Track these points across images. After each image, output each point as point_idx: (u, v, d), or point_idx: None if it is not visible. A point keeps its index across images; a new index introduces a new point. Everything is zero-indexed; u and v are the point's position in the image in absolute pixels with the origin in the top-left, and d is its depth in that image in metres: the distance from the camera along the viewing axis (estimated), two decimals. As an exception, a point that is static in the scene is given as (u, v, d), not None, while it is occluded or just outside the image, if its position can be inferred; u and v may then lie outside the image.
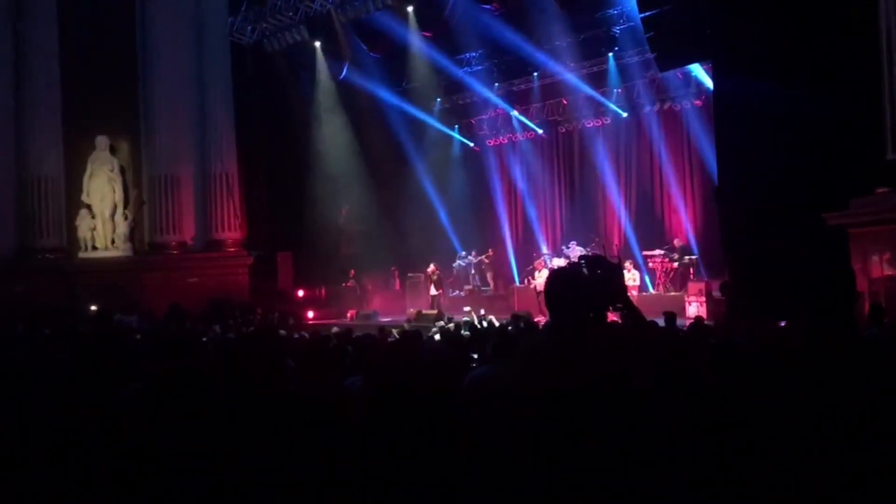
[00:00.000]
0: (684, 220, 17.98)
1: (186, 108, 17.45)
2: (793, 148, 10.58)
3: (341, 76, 19.00)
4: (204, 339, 7.91)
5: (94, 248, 17.68)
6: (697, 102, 17.33)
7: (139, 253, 17.68)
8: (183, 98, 17.39)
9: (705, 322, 10.19)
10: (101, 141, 17.65)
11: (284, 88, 18.86)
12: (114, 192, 17.73)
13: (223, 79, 17.73)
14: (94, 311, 13.13)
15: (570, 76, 18.73)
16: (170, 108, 17.26)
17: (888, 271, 8.83)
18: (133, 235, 17.85)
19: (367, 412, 3.43)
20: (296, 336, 9.12)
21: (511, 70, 19.32)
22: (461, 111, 21.35)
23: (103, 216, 17.75)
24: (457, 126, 21.64)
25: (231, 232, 17.81)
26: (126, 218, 17.85)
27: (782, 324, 7.17)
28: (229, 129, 17.78)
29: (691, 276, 15.86)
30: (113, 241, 17.74)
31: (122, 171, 17.92)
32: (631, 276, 15.52)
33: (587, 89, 18.81)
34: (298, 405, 3.07)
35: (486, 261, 19.90)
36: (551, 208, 20.89)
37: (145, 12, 17.33)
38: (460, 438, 2.79)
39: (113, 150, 17.86)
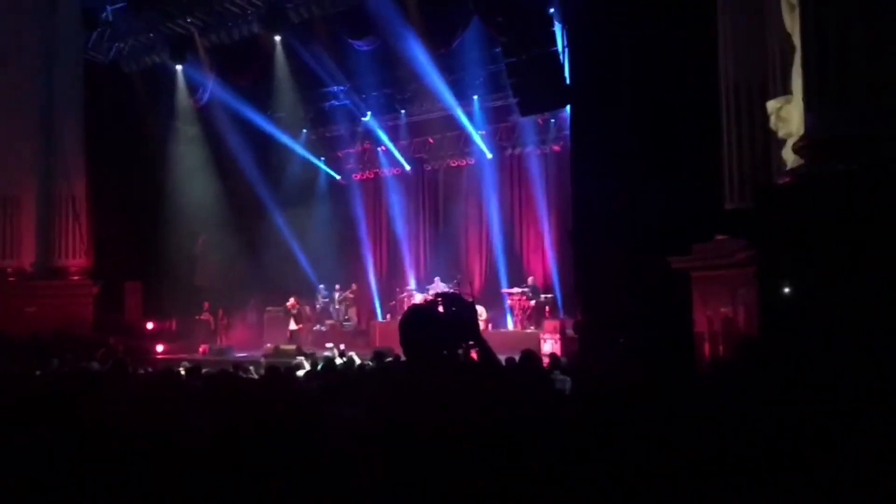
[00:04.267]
0: (542, 260, 18.59)
1: (29, 124, 16.33)
2: (643, 194, 11.23)
3: (201, 102, 18.46)
4: (38, 373, 7.34)
5: (-83, 273, 16.14)
6: (556, 147, 18.07)
7: (-30, 279, 16.28)
8: (25, 113, 16.28)
9: (559, 358, 10.52)
10: (-69, 154, 16.24)
11: (142, 111, 18.08)
12: (-55, 211, 16.32)
13: (74, 97, 16.76)
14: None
15: (437, 115, 19.12)
16: (9, 123, 16.08)
17: (725, 312, 9.43)
18: (-36, 261, 16.44)
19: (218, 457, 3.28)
20: (141, 371, 8.63)
21: (379, 106, 19.49)
22: (328, 143, 21.26)
23: (-71, 238, 16.28)
24: (323, 158, 21.48)
25: (75, 259, 16.71)
26: (-43, 241, 16.44)
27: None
28: (78, 150, 16.76)
29: (547, 315, 16.38)
30: (-59, 266, 16.28)
31: (-44, 189, 16.54)
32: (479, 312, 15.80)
33: (454, 128, 19.24)
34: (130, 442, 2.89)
35: (350, 295, 19.73)
36: (416, 244, 21.03)
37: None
38: (325, 487, 2.70)
39: (-54, 167, 16.47)
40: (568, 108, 14.59)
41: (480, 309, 16.13)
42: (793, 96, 7.68)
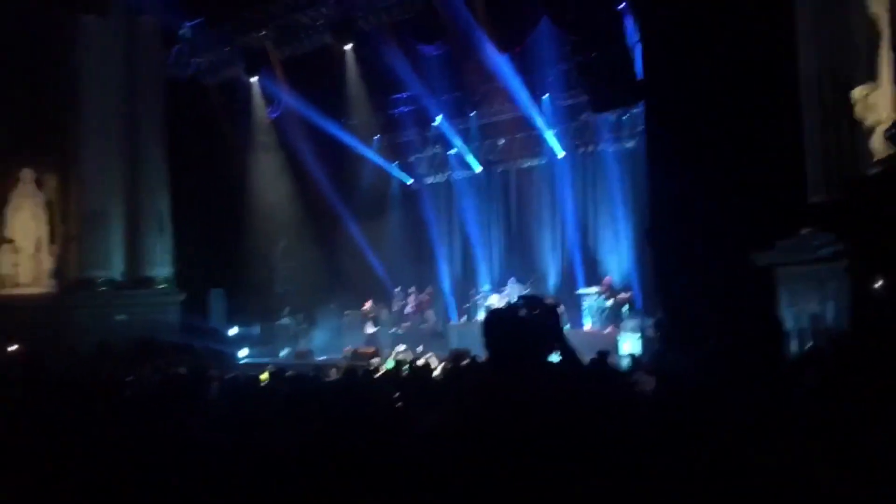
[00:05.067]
0: (619, 259, 18.29)
1: (117, 142, 17.03)
2: (722, 189, 10.93)
3: (273, 116, 18.93)
4: (129, 378, 7.63)
5: (18, 284, 16.99)
6: (630, 144, 17.77)
7: (66, 289, 17.04)
8: (114, 132, 16.97)
9: (638, 358, 10.35)
10: (26, 174, 17.06)
11: (220, 124, 18.66)
12: (38, 226, 17.12)
13: (156, 113, 17.40)
14: (16, 350, 12.57)
15: (507, 116, 19.07)
16: (100, 142, 16.80)
17: (813, 309, 9.11)
18: (60, 272, 17.21)
19: (304, 462, 3.34)
20: (227, 377, 8.88)
21: (449, 109, 19.54)
22: (400, 149, 21.42)
23: (28, 251, 17.10)
24: (396, 163, 21.69)
25: (162, 268, 17.34)
26: (52, 254, 17.23)
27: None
28: (162, 165, 17.40)
29: (625, 314, 16.11)
30: (38, 278, 17.09)
31: (50, 205, 17.34)
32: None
33: (525, 129, 19.15)
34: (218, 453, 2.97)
35: (426, 298, 19.86)
36: (489, 246, 20.98)
37: (76, 43, 16.92)
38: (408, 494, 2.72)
39: (39, 185, 17.29)
40: (642, 103, 14.34)
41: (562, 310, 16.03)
42: (880, 82, 7.37)
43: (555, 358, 2.58)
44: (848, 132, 8.61)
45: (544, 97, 18.15)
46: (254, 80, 18.76)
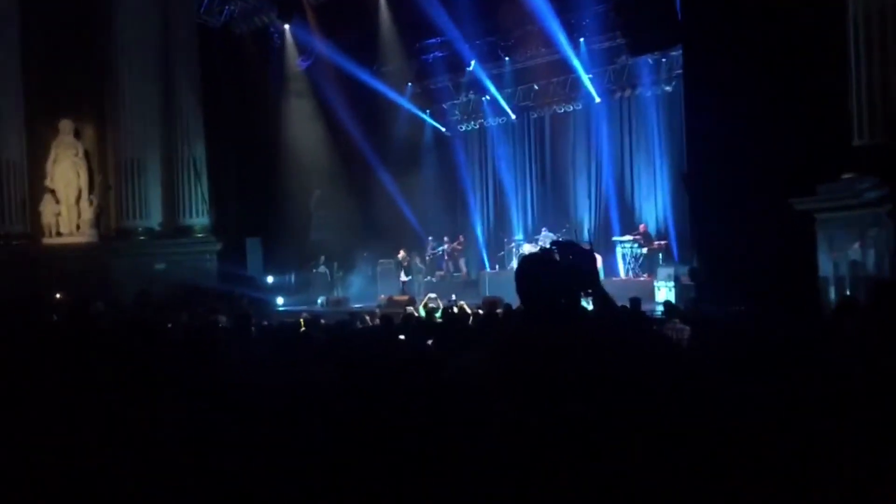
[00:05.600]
0: (655, 206, 18.10)
1: (153, 92, 17.10)
2: (761, 133, 10.66)
3: (304, 66, 18.82)
4: (169, 325, 7.80)
5: (59, 233, 17.33)
6: (668, 88, 17.40)
7: (105, 239, 17.35)
8: (149, 81, 17.03)
9: (676, 306, 10.29)
10: (66, 125, 17.25)
11: (253, 71, 18.62)
12: (78, 176, 17.35)
13: (190, 62, 17.39)
14: (63, 298, 12.88)
15: (542, 61, 18.74)
16: (135, 91, 16.88)
17: (853, 256, 8.94)
18: (99, 221, 17.49)
19: (339, 404, 3.39)
20: (265, 323, 9.03)
21: (483, 55, 19.25)
22: (433, 96, 21.24)
23: (68, 201, 17.38)
24: (428, 111, 21.52)
25: (199, 217, 17.53)
26: (91, 203, 17.49)
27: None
28: (196, 113, 17.45)
29: (661, 262, 15.99)
30: (78, 227, 17.39)
31: (87, 155, 17.54)
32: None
33: (560, 73, 18.84)
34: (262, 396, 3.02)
35: (459, 247, 19.89)
36: (523, 194, 20.88)
37: (110, -7, 16.90)
38: (441, 436, 2.75)
39: (77, 135, 17.47)
40: (680, 45, 13.97)
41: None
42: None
43: (589, 305, 2.56)
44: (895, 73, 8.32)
45: (581, 40, 17.76)
46: (286, 27, 18.63)
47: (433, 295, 15.00)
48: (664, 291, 14.06)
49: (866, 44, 8.75)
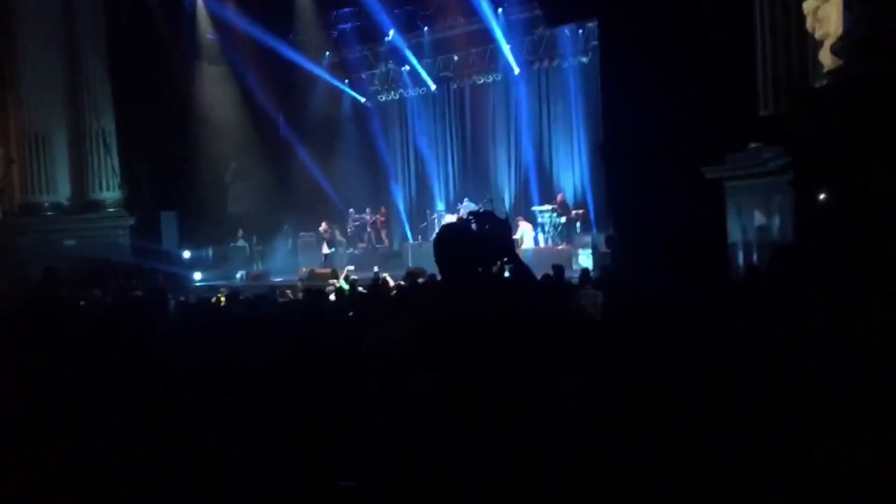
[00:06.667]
0: (573, 176, 18.42)
1: (57, 61, 16.32)
2: (674, 104, 10.96)
3: (227, 21, 18.25)
4: (82, 303, 7.54)
5: (-42, 210, 16.49)
6: (584, 59, 17.65)
7: (10, 215, 16.58)
8: (52, 50, 16.23)
9: (590, 273, 10.55)
10: (-38, 96, 16.36)
11: (165, 41, 17.93)
12: (-22, 150, 16.51)
13: (96, 29, 16.65)
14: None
15: (461, 31, 18.71)
16: (38, 61, 16.07)
17: (759, 223, 9.34)
18: (2, 197, 16.71)
19: (264, 380, 3.37)
20: (182, 299, 8.84)
21: (401, 24, 19.07)
22: (351, 66, 20.93)
23: (-32, 176, 16.54)
24: (347, 81, 21.23)
25: (110, 191, 16.93)
26: (-6, 178, 16.69)
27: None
28: (104, 84, 16.76)
29: (578, 230, 16.33)
30: (-21, 203, 16.60)
31: (-12, 128, 16.70)
32: (527, 232, 15.97)
33: (479, 44, 18.86)
34: (181, 372, 2.98)
35: (381, 218, 19.83)
36: (444, 165, 20.92)
37: (6, -43, 15.97)
38: (365, 406, 2.77)
39: (-24, 107, 16.60)
40: (596, 17, 14.18)
41: (528, 228, 16.15)
42: (831, -6, 7.39)
43: (507, 274, 2.61)
44: (798, 45, 8.66)
45: (499, 10, 17.79)
46: (198, -7, 18.04)
47: (351, 267, 14.93)
48: (583, 259, 14.37)
49: (770, 15, 9.09)
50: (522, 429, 2.19)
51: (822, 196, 6.05)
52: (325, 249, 18.24)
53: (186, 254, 17.97)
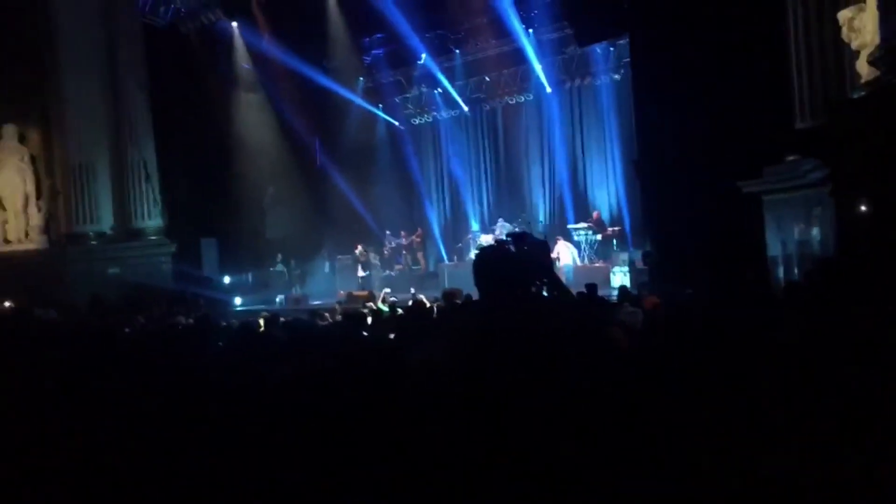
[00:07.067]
0: (608, 193, 18.37)
1: (99, 94, 16.76)
2: (708, 119, 10.92)
3: (262, 49, 18.61)
4: (127, 329, 7.71)
5: (7, 241, 16.91)
6: (617, 76, 17.64)
7: (56, 245, 17.00)
8: (95, 83, 16.69)
9: (628, 291, 10.48)
10: (9, 130, 16.80)
11: (202, 70, 18.36)
12: (25, 182, 16.94)
13: (136, 62, 17.09)
14: (8, 307, 12.59)
15: (492, 53, 18.85)
16: (81, 95, 16.53)
17: (799, 236, 9.21)
18: (48, 227, 17.11)
19: (304, 401, 3.42)
20: (224, 324, 8.97)
21: (433, 48, 19.27)
22: (385, 90, 21.19)
23: (15, 208, 16.95)
24: (381, 105, 21.48)
25: (152, 219, 17.28)
26: (40, 209, 17.10)
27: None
28: (145, 115, 17.17)
29: (615, 247, 16.24)
30: (27, 234, 16.99)
31: (33, 160, 17.15)
32: (570, 252, 15.88)
33: (510, 64, 18.98)
34: (226, 396, 3.04)
35: (417, 240, 19.93)
36: (478, 186, 21.01)
37: (49, -2, 16.51)
38: (405, 425, 2.80)
39: (22, 139, 17.06)
40: (627, 35, 14.18)
41: (572, 249, 16.04)
42: (866, 5, 7.31)
43: (545, 293, 2.64)
44: (834, 56, 8.57)
45: (530, 31, 17.90)
46: (234, 24, 18.43)
47: (388, 290, 15.01)
48: (619, 276, 14.30)
49: (804, 27, 9.01)
50: (557, 445, 2.20)
51: (862, 207, 5.98)
52: (361, 272, 18.38)
53: (227, 279, 18.24)
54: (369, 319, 8.71)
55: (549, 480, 2.17)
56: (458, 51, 19.39)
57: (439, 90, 20.46)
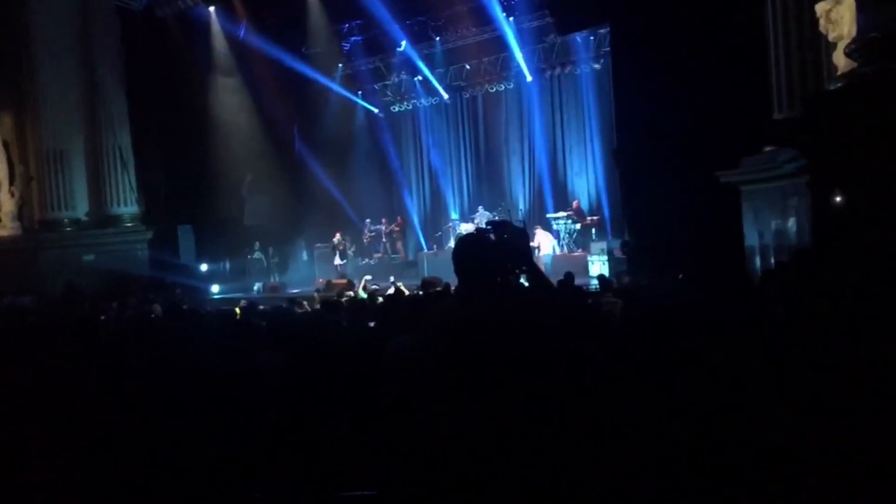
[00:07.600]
0: (587, 182, 18.42)
1: (74, 79, 16.53)
2: (687, 109, 10.97)
3: (240, 35, 18.40)
4: (102, 317, 7.63)
5: (-21, 227, 16.69)
6: (597, 66, 17.65)
7: (30, 231, 16.78)
8: (69, 68, 16.44)
9: (609, 280, 10.54)
10: (-20, 115, 16.59)
11: (179, 56, 18.12)
12: (-3, 168, 16.73)
13: (111, 47, 16.85)
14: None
15: (473, 40, 18.78)
16: (55, 79, 16.28)
17: (775, 225, 9.30)
18: (22, 213, 16.90)
19: (283, 387, 3.40)
20: (202, 312, 8.90)
21: (413, 35, 19.15)
22: (364, 77, 21.04)
23: (-13, 194, 16.76)
24: (360, 92, 21.35)
25: (127, 206, 17.10)
26: (13, 195, 16.89)
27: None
28: (121, 100, 16.96)
29: (594, 237, 16.31)
30: (0, 220, 16.80)
31: (6, 145, 16.90)
32: (550, 241, 15.90)
33: (491, 52, 18.93)
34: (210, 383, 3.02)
35: (396, 229, 19.87)
36: (457, 174, 20.97)
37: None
38: (383, 411, 2.80)
39: (-6, 125, 16.82)
40: (607, 24, 14.21)
41: (544, 235, 16.02)
42: (844, -4, 7.38)
43: (524, 281, 2.64)
44: (812, 48, 8.64)
45: (510, 19, 17.85)
46: (211, 9, 18.21)
47: (369, 277, 14.98)
48: (598, 265, 14.35)
49: (782, 18, 9.07)
50: (541, 433, 2.21)
51: (837, 198, 6.03)
52: (338, 260, 18.33)
53: (204, 267, 18.10)
54: (349, 306, 8.68)
55: (533, 467, 2.18)
56: (438, 38, 19.29)
57: (419, 78, 20.35)
